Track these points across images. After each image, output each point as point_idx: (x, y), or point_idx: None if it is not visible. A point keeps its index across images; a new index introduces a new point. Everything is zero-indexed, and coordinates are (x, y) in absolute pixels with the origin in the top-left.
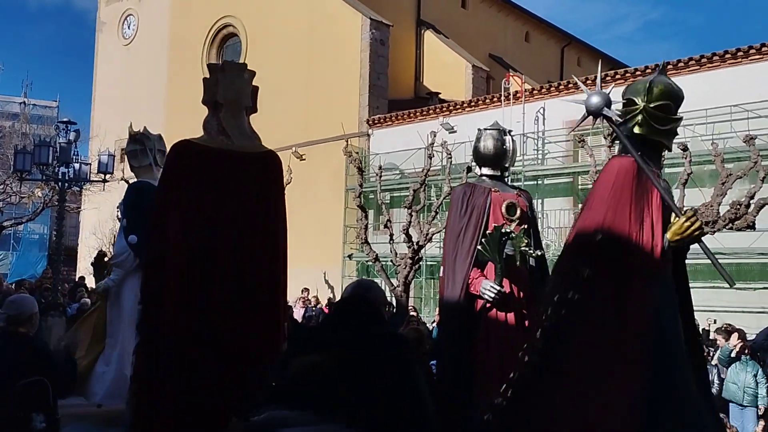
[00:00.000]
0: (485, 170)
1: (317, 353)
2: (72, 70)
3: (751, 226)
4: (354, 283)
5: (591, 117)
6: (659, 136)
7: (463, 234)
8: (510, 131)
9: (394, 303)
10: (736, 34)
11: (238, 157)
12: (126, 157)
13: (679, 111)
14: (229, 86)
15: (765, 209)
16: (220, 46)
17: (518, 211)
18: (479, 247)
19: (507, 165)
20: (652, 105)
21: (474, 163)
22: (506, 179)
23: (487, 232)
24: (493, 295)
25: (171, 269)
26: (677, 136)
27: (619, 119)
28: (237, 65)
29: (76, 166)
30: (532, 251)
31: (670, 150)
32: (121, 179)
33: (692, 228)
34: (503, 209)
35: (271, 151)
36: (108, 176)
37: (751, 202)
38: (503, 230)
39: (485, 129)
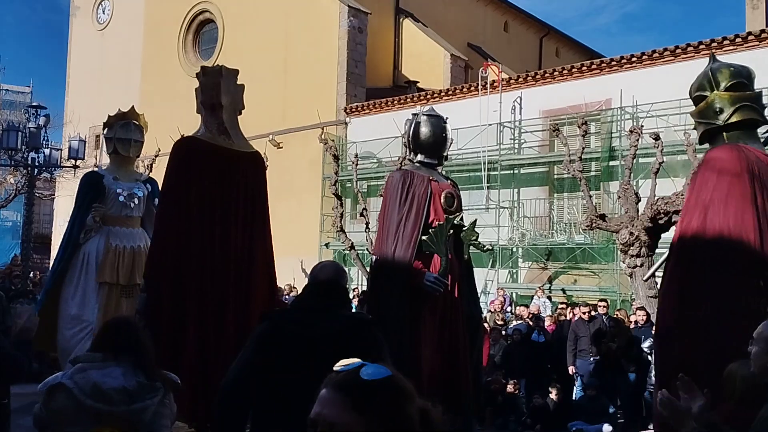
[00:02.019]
0: (421, 157)
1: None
2: (46, 54)
3: None
4: (327, 267)
5: None
6: (747, 114)
7: (403, 224)
8: (447, 119)
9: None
10: (710, 25)
11: (237, 155)
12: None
13: (652, 101)
14: (228, 90)
15: None
16: (197, 32)
17: (455, 202)
18: (425, 238)
19: (444, 154)
20: (723, 88)
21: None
22: (441, 169)
23: (438, 223)
24: (441, 289)
25: (178, 257)
26: (652, 128)
27: None
28: (232, 71)
29: (47, 151)
30: (483, 246)
31: (765, 122)
32: (95, 166)
33: None
34: (442, 200)
35: (257, 150)
36: (80, 162)
37: None
38: (455, 222)
39: (423, 113)
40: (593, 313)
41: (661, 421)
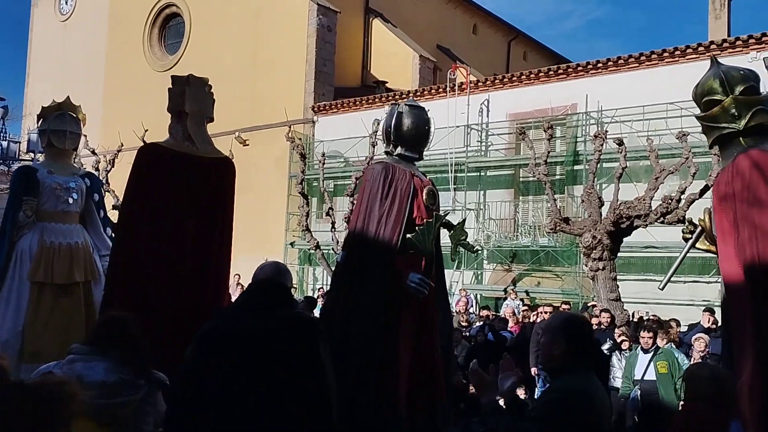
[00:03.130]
0: (401, 150)
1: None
2: (5, 45)
3: (682, 221)
4: (269, 266)
5: None
6: (764, 117)
7: (384, 220)
8: (428, 110)
9: None
10: (674, 34)
11: (200, 160)
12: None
13: (617, 107)
14: (194, 98)
15: (695, 204)
16: (162, 26)
17: (436, 200)
18: (410, 236)
19: (423, 149)
20: (738, 93)
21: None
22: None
23: (427, 220)
24: (426, 291)
25: (138, 260)
26: (616, 133)
27: None
28: (200, 79)
29: (5, 144)
30: (473, 246)
31: None
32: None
33: None
34: (425, 196)
35: (227, 156)
36: (39, 156)
37: (681, 197)
38: (444, 220)
39: (406, 104)
40: None
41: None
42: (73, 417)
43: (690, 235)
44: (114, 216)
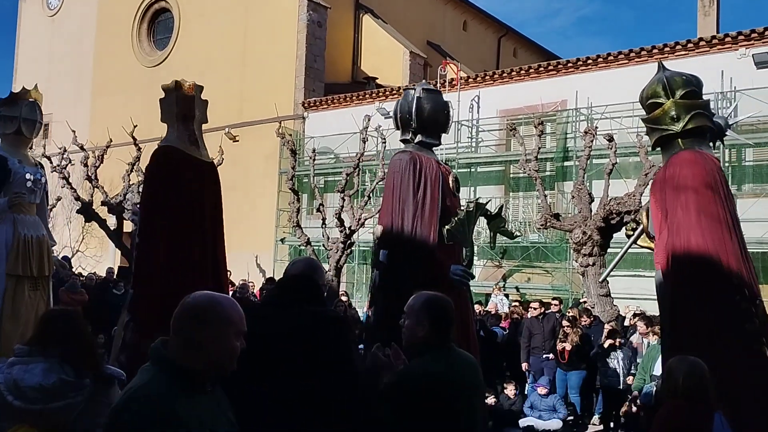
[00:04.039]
0: (422, 137)
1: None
2: None
3: None
4: (301, 262)
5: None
6: (701, 121)
7: (420, 212)
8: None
9: (326, 287)
10: (663, 31)
11: (205, 164)
12: None
13: (607, 103)
14: (200, 105)
15: None
16: (152, 21)
17: (459, 187)
18: (449, 227)
19: (443, 135)
20: (678, 96)
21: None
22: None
23: (465, 209)
24: (468, 283)
25: (159, 259)
26: (606, 130)
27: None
28: (199, 87)
29: None
30: (512, 232)
31: (718, 131)
32: (43, 156)
33: None
34: (451, 183)
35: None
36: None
37: None
38: (484, 207)
39: (423, 88)
40: (546, 311)
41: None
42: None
43: (632, 233)
44: (102, 211)
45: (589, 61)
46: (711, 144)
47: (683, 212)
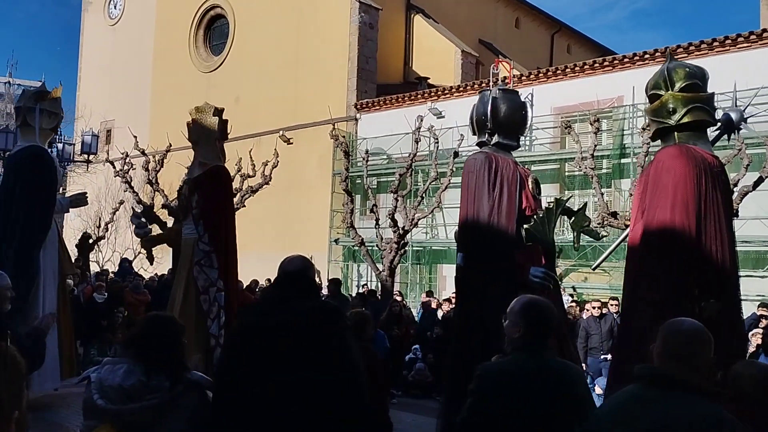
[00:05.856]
0: (499, 138)
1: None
2: (58, 49)
3: (735, 214)
4: (298, 258)
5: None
6: (699, 115)
7: (496, 212)
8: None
9: (380, 287)
10: (723, 22)
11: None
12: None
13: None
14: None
15: (748, 196)
16: (208, 27)
17: (540, 188)
18: (529, 226)
19: (521, 136)
20: (677, 89)
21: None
22: None
23: (546, 207)
24: (551, 285)
25: (226, 263)
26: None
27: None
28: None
29: (59, 146)
30: (598, 232)
31: (714, 124)
32: (106, 161)
33: None
34: (530, 185)
35: None
36: (92, 157)
37: (734, 189)
38: (566, 206)
39: (499, 89)
40: (604, 311)
41: None
42: None
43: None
44: (162, 214)
45: (646, 56)
46: (726, 137)
47: (660, 209)
